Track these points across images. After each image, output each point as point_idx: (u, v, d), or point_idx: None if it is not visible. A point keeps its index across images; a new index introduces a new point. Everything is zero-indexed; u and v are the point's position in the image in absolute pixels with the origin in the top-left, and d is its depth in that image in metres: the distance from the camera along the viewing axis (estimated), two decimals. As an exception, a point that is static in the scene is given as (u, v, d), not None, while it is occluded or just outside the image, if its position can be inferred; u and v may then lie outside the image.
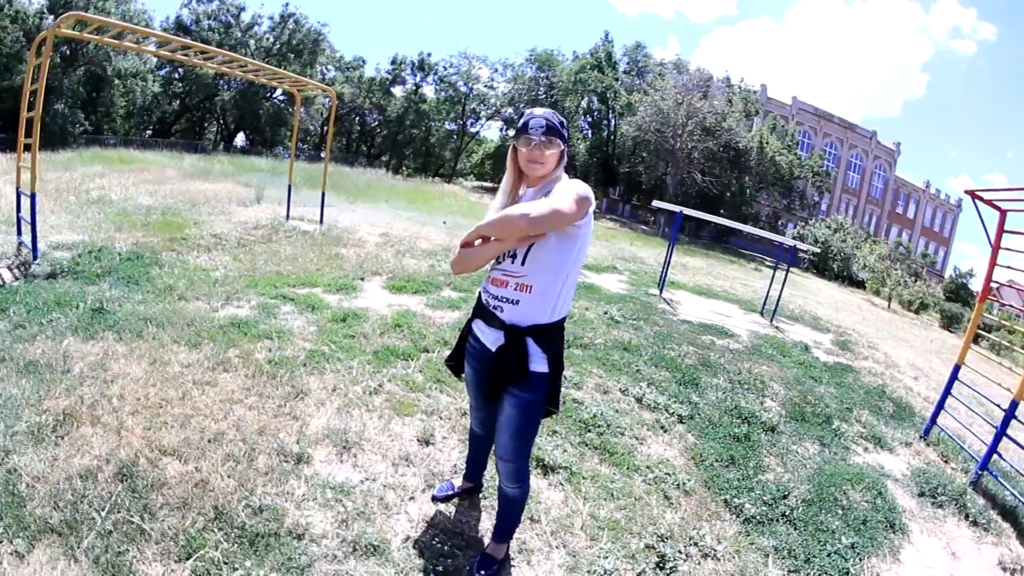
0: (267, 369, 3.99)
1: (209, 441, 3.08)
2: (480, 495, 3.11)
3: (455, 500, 3.02)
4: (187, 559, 2.30)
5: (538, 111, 2.26)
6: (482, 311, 2.39)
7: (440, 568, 2.54)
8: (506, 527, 2.64)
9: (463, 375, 2.65)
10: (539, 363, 2.28)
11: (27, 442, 2.82)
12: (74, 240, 6.66)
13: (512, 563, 2.66)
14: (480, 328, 2.43)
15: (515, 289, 2.24)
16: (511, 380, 2.28)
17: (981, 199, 5.16)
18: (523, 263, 2.22)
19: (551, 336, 2.29)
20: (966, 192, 5.20)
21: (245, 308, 5.24)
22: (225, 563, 2.31)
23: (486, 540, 2.76)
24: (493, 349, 2.33)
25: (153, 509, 2.53)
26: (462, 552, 2.66)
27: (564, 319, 2.34)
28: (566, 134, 2.28)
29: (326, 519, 2.66)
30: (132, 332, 4.23)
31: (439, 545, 2.66)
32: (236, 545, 2.39)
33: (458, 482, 3.11)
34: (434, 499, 3.02)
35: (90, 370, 3.61)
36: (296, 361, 4.21)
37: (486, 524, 2.89)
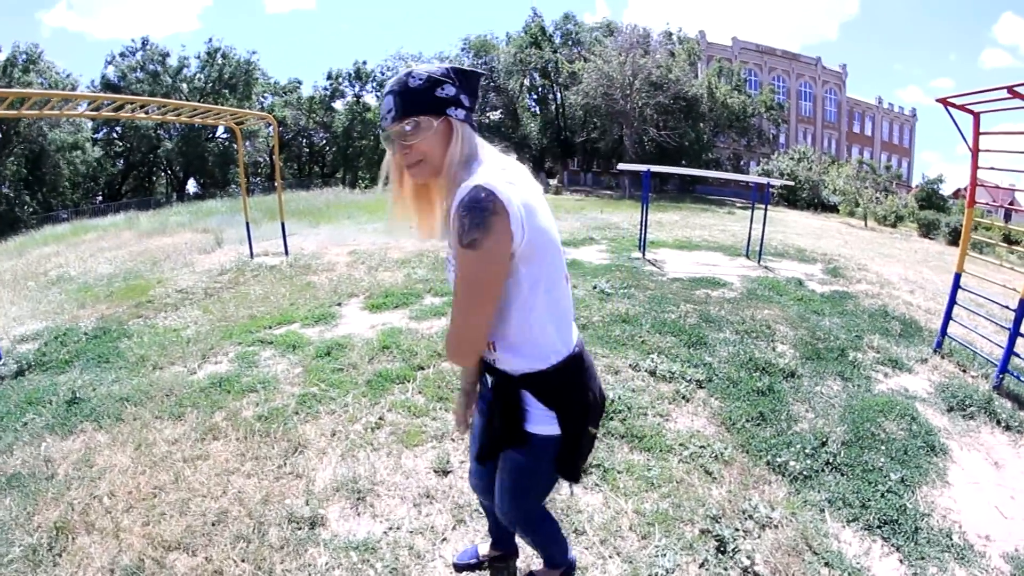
0: (258, 427, 3.70)
1: (213, 524, 2.81)
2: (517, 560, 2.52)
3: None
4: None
5: (387, 84, 1.52)
6: None
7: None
8: (545, 555, 2.22)
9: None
10: (541, 423, 1.63)
11: (25, 569, 2.54)
12: (38, 329, 6.29)
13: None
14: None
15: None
16: (505, 443, 1.70)
17: (954, 105, 5.13)
18: None
19: (555, 384, 1.61)
20: (938, 100, 5.19)
21: (224, 362, 4.94)
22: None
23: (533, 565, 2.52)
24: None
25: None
26: (511, 584, 2.43)
27: (577, 355, 1.66)
28: (443, 91, 1.47)
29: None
30: (111, 417, 3.93)
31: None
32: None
33: (484, 549, 2.51)
34: (456, 567, 2.50)
35: (75, 470, 3.32)
36: (287, 411, 3.92)
37: (530, 550, 2.64)
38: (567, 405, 1.63)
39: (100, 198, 42.61)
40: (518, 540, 2.40)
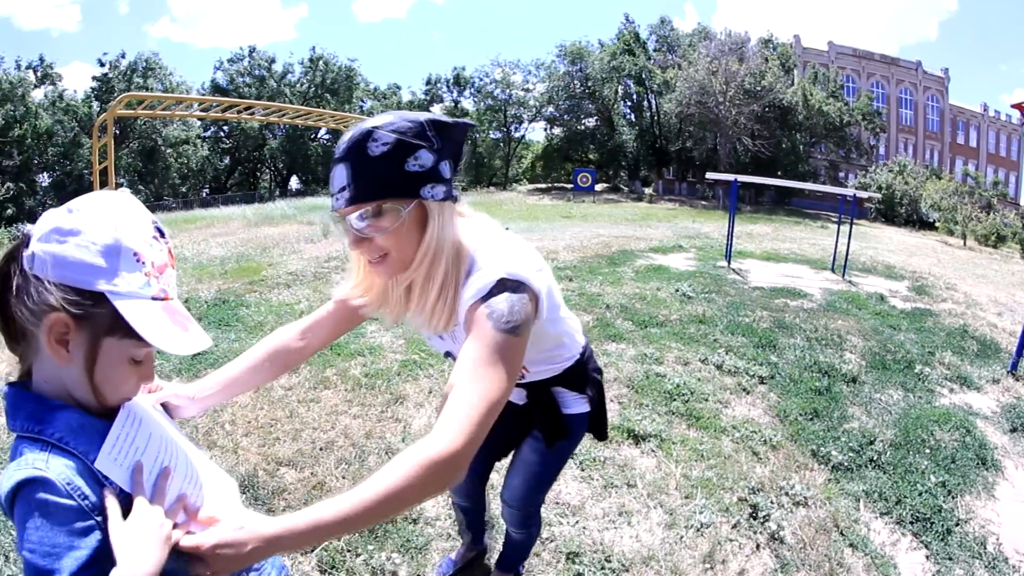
0: (364, 382, 4.31)
1: (321, 449, 3.38)
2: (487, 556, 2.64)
3: None
4: (312, 551, 2.51)
5: (339, 145, 1.17)
6: None
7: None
8: (511, 560, 2.28)
9: None
10: (575, 406, 1.76)
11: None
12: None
13: (614, 524, 2.86)
14: None
15: None
16: (546, 439, 1.78)
17: (1026, 110, 4.89)
18: None
19: (582, 372, 1.74)
20: (1012, 107, 5.02)
21: (333, 333, 5.59)
22: (348, 551, 2.54)
23: None
24: (517, 402, 1.77)
25: (277, 512, 2.74)
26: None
27: (587, 343, 1.81)
28: (416, 162, 1.14)
29: (438, 503, 2.88)
30: (232, 366, 4.62)
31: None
32: (358, 535, 2.61)
33: (458, 554, 2.55)
34: None
35: (199, 404, 3.99)
36: (390, 372, 4.51)
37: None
38: (591, 384, 1.77)
39: (207, 191, 45.60)
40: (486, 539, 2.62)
